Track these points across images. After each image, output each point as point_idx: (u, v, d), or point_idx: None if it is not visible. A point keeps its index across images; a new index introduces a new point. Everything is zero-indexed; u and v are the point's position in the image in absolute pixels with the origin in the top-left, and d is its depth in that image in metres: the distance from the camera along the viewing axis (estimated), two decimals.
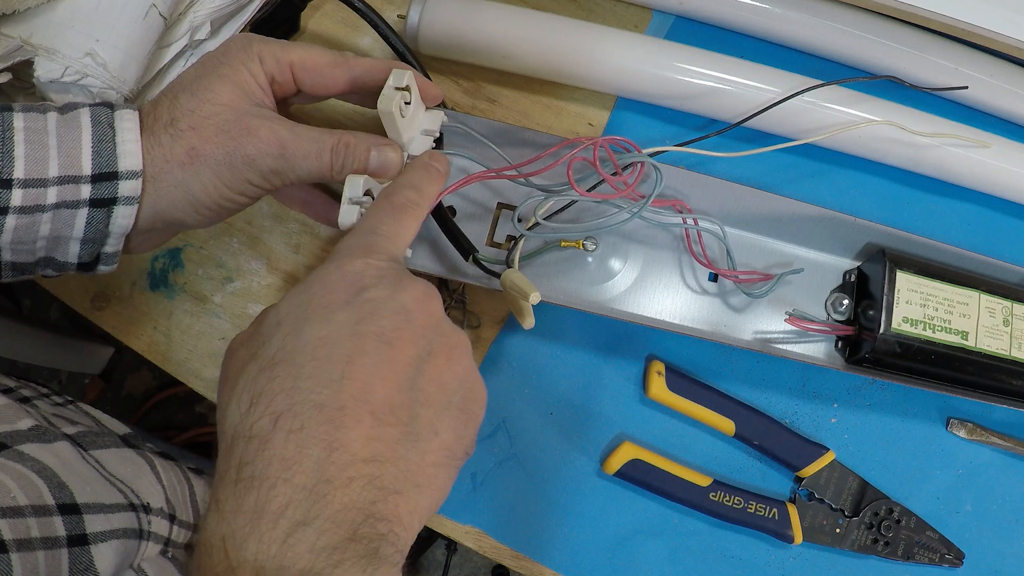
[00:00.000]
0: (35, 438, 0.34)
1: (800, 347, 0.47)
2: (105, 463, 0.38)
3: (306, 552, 0.23)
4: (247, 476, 0.24)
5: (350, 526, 0.24)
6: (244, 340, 0.30)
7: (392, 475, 0.26)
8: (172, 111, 0.34)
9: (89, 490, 0.34)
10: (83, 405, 0.47)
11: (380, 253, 0.30)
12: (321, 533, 0.24)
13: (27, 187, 0.31)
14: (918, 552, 0.47)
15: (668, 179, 0.44)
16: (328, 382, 0.26)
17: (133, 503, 0.37)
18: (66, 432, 0.38)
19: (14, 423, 0.35)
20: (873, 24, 0.50)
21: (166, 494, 0.41)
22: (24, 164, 0.31)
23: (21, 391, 0.43)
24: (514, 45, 0.48)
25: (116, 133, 0.33)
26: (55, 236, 0.33)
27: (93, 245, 0.34)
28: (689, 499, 0.46)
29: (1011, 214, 0.52)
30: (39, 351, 1.00)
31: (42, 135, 0.31)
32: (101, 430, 0.42)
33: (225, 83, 0.34)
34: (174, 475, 0.43)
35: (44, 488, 0.32)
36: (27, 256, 0.34)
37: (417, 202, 0.34)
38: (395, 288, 0.29)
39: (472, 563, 1.18)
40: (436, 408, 0.28)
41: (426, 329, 0.29)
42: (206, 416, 1.22)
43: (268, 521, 0.24)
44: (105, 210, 0.33)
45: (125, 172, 0.32)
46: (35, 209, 0.31)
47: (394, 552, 0.25)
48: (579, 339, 0.49)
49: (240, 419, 0.26)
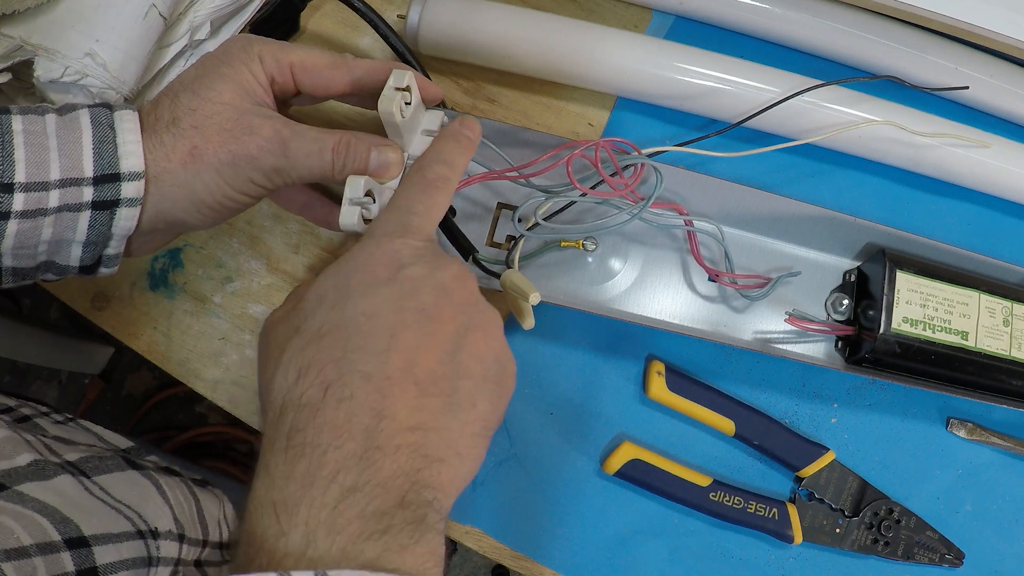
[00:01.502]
0: (35, 475, 0.34)
1: (800, 347, 0.47)
2: (110, 488, 0.38)
3: (356, 517, 0.24)
4: (298, 443, 0.25)
5: (398, 492, 0.25)
6: (282, 317, 0.31)
7: (435, 444, 0.27)
8: (173, 110, 0.34)
9: (96, 521, 0.34)
10: (83, 422, 0.47)
11: (416, 233, 0.31)
12: (372, 499, 0.25)
13: (28, 191, 0.31)
14: (918, 552, 0.47)
15: (668, 179, 0.44)
16: (375, 352, 0.27)
17: (141, 530, 0.37)
18: (68, 459, 0.38)
19: (12, 459, 0.35)
20: (873, 24, 0.50)
21: (174, 513, 0.41)
22: (25, 167, 0.31)
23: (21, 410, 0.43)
24: (514, 45, 0.48)
25: (117, 134, 0.32)
26: (57, 240, 0.33)
27: (95, 248, 0.34)
28: (689, 499, 0.46)
29: (1011, 214, 0.52)
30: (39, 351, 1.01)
31: (42, 137, 0.31)
32: (104, 452, 0.41)
33: (227, 82, 0.34)
34: (180, 492, 0.43)
35: (48, 525, 0.32)
36: (28, 261, 0.33)
37: (448, 177, 0.34)
38: (434, 266, 0.30)
39: (472, 563, 1.18)
40: (475, 380, 0.29)
41: (464, 305, 0.30)
42: (206, 416, 1.22)
43: (320, 487, 0.24)
44: (108, 212, 0.33)
45: (127, 173, 0.32)
46: (37, 213, 0.31)
47: (439, 520, 0.26)
48: (579, 339, 0.49)
49: (289, 389, 0.27)
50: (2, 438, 0.36)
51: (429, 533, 0.25)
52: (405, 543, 0.25)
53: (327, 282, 0.30)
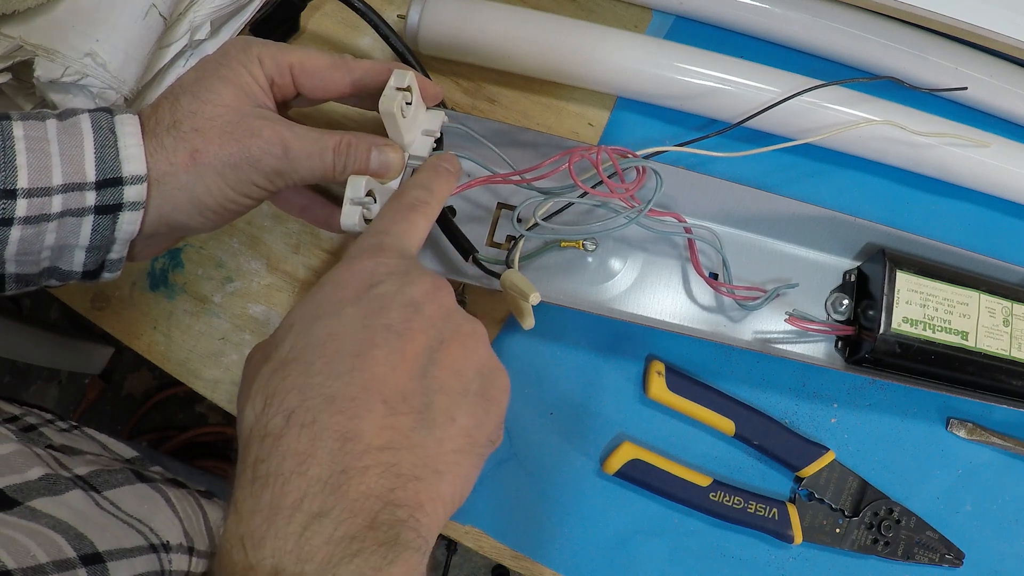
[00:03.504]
0: (46, 490, 0.34)
1: (800, 347, 0.47)
2: (121, 503, 0.38)
3: (323, 544, 0.23)
4: (263, 474, 0.25)
5: (368, 514, 0.24)
6: (261, 347, 0.30)
7: (409, 462, 0.26)
8: (174, 114, 0.34)
9: (109, 536, 0.34)
10: (88, 430, 0.47)
11: (390, 251, 0.31)
12: (339, 523, 0.24)
13: (31, 196, 0.31)
14: (918, 552, 0.47)
15: (668, 179, 0.44)
16: (339, 374, 0.26)
17: (153, 543, 0.37)
18: (78, 473, 0.38)
19: (24, 473, 0.35)
20: (873, 24, 0.50)
21: (183, 526, 0.41)
22: (28, 173, 0.30)
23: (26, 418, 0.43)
24: (514, 45, 0.48)
25: (118, 138, 0.32)
26: (60, 245, 0.33)
27: (98, 253, 0.34)
28: (689, 499, 0.46)
29: (1011, 214, 0.52)
30: (39, 351, 1.01)
31: (43, 143, 0.31)
32: (112, 464, 0.41)
33: (226, 85, 0.34)
34: (188, 504, 0.43)
35: (63, 542, 0.32)
36: (32, 267, 0.33)
37: (426, 200, 0.34)
38: (404, 282, 0.29)
39: (472, 563, 1.18)
40: (452, 395, 0.28)
41: (436, 319, 0.29)
42: (206, 416, 1.22)
43: (284, 516, 0.24)
44: (111, 216, 0.33)
45: (130, 177, 0.32)
46: (40, 219, 0.31)
47: (416, 537, 0.25)
48: (579, 339, 0.49)
49: (256, 419, 0.26)
50: (13, 452, 0.36)
51: (405, 552, 0.24)
52: (379, 564, 0.24)
53: (300, 308, 0.29)
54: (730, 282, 0.46)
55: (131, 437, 1.19)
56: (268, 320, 0.49)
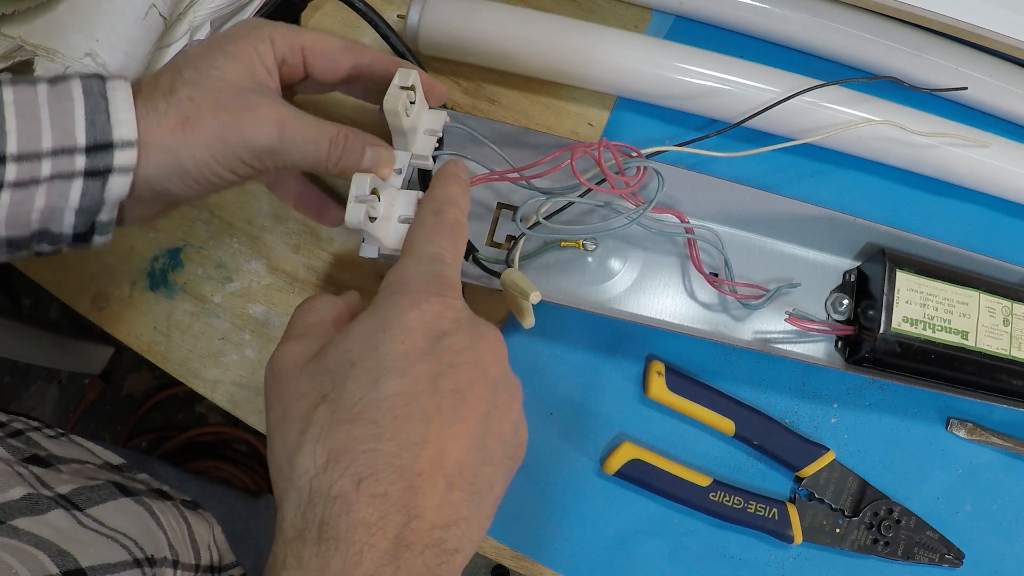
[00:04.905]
0: (28, 510, 0.34)
1: (800, 347, 0.47)
2: (104, 519, 0.38)
3: None
4: (331, 537, 0.25)
5: None
6: (301, 364, 0.30)
7: (455, 537, 0.27)
8: (173, 82, 0.33)
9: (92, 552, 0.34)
10: (75, 437, 0.47)
11: (453, 288, 0.31)
12: None
13: (21, 161, 0.30)
14: (918, 552, 0.47)
15: (668, 179, 0.44)
16: (409, 445, 0.27)
17: (137, 558, 0.37)
18: (60, 492, 0.38)
19: (6, 492, 0.35)
20: (873, 24, 0.50)
21: (168, 539, 0.41)
22: (17, 138, 0.30)
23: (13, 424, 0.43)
24: (514, 45, 0.48)
25: (109, 103, 0.32)
26: (50, 207, 0.32)
27: (88, 215, 0.34)
28: (689, 499, 0.46)
29: (1011, 214, 0.52)
30: (39, 351, 1.01)
31: (34, 108, 0.31)
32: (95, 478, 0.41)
33: (231, 60, 0.34)
34: (172, 517, 0.43)
35: (45, 559, 0.32)
36: (22, 230, 0.33)
37: (463, 221, 0.34)
38: (473, 336, 0.29)
39: (472, 563, 1.18)
40: (495, 465, 0.29)
41: (497, 382, 0.29)
42: (206, 416, 1.22)
43: None
44: (100, 180, 0.32)
45: (120, 142, 0.32)
46: (30, 183, 0.31)
47: None
48: (579, 339, 0.49)
49: (317, 474, 0.26)
50: None
51: None
52: None
53: (359, 343, 0.29)
54: (732, 280, 0.46)
55: (131, 437, 1.19)
56: (268, 320, 0.49)
